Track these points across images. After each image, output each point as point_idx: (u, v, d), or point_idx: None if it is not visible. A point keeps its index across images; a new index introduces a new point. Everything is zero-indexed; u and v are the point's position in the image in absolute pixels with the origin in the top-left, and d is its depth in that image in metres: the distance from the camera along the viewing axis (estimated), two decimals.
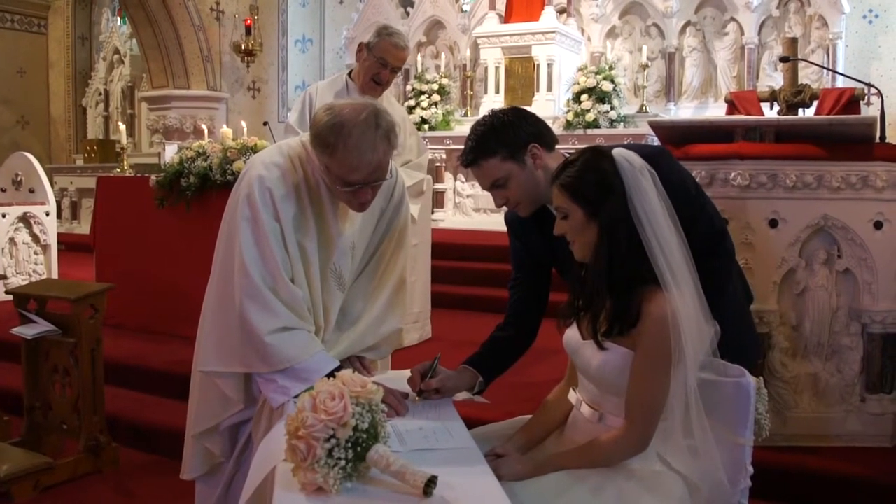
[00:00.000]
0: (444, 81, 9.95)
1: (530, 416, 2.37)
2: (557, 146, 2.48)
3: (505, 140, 2.34)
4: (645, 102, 9.11)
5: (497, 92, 9.39)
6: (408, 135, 4.58)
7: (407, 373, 2.46)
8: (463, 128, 9.65)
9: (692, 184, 2.49)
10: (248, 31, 11.32)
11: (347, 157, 2.20)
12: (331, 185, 2.32)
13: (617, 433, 2.03)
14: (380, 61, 4.13)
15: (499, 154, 2.33)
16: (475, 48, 9.92)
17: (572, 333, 2.18)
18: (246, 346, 2.27)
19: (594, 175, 2.05)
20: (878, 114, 3.79)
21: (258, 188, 2.31)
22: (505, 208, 2.52)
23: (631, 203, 2.02)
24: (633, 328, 2.00)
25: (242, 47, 11.31)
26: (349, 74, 4.44)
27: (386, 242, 2.61)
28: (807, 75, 7.95)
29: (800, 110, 5.72)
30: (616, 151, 2.08)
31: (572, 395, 2.25)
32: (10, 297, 4.07)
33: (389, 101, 4.55)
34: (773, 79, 8.49)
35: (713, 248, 2.44)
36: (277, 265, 2.27)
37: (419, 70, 10.24)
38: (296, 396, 2.11)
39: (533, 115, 2.44)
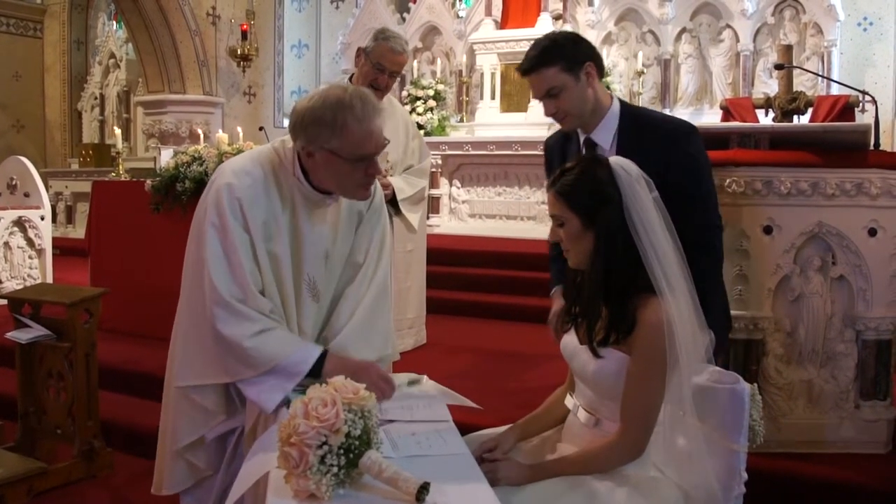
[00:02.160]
0: (440, 87, 9.96)
1: (532, 442, 2.37)
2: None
3: (566, 54, 2.55)
4: None
5: (493, 98, 9.40)
6: (410, 138, 4.45)
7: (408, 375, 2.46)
8: (459, 133, 9.67)
9: (709, 171, 2.64)
10: (244, 35, 11.32)
11: (360, 127, 2.20)
12: (336, 174, 2.26)
13: (612, 439, 2.03)
14: (377, 66, 4.03)
15: (558, 65, 2.54)
16: (471, 54, 9.93)
17: (570, 338, 2.19)
18: (227, 355, 2.23)
19: (591, 184, 2.06)
20: (872, 121, 3.80)
21: (227, 197, 2.27)
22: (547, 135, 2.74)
23: (627, 212, 2.03)
24: (628, 335, 2.01)
25: (238, 52, 11.31)
26: (350, 79, 4.39)
27: (371, 251, 2.55)
28: (802, 82, 7.98)
29: (795, 117, 5.72)
30: (613, 160, 2.09)
31: (569, 400, 2.26)
32: (5, 302, 4.06)
33: (392, 104, 4.45)
34: (768, 86, 8.51)
35: (708, 242, 2.52)
36: (245, 276, 2.24)
37: (415, 76, 10.26)
38: (299, 390, 2.11)
39: (590, 42, 2.70)
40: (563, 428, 2.29)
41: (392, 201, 3.99)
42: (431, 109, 9.73)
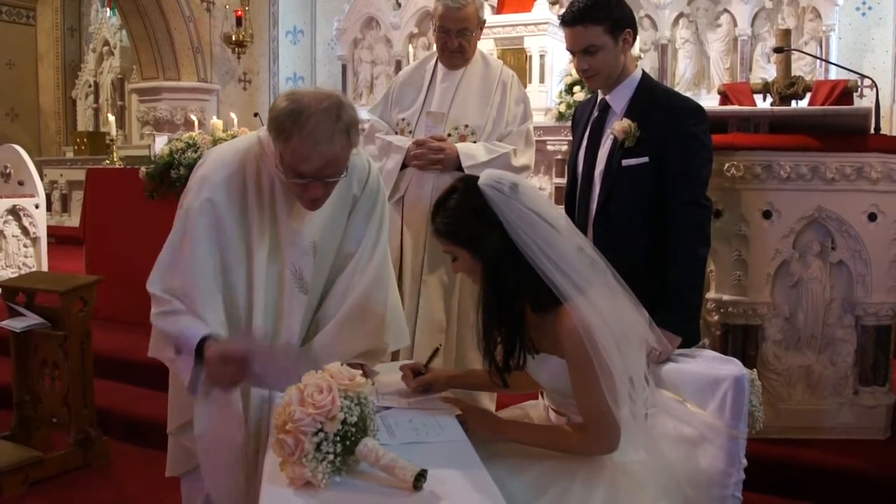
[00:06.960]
0: None
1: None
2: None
3: (613, 15, 2.61)
4: None
5: None
6: (513, 102, 3.74)
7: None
8: None
9: (707, 154, 2.67)
10: (238, 22, 11.24)
11: (301, 145, 2.09)
12: (284, 176, 2.22)
13: (580, 430, 2.02)
14: (442, 30, 3.59)
15: (604, 25, 2.59)
16: None
17: None
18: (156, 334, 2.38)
19: (466, 215, 2.03)
20: (872, 105, 3.78)
21: (198, 191, 2.27)
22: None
23: (511, 230, 1.99)
24: (537, 353, 2.04)
25: (233, 38, 11.23)
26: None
27: (365, 240, 2.47)
28: (800, 67, 7.94)
29: (793, 102, 5.69)
30: (482, 182, 2.03)
31: (541, 402, 2.28)
32: None
33: (486, 63, 3.78)
34: (765, 71, 8.47)
35: (684, 218, 2.57)
36: (189, 273, 2.27)
37: (411, 61, 10.21)
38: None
39: (631, 9, 2.74)
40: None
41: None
42: None
